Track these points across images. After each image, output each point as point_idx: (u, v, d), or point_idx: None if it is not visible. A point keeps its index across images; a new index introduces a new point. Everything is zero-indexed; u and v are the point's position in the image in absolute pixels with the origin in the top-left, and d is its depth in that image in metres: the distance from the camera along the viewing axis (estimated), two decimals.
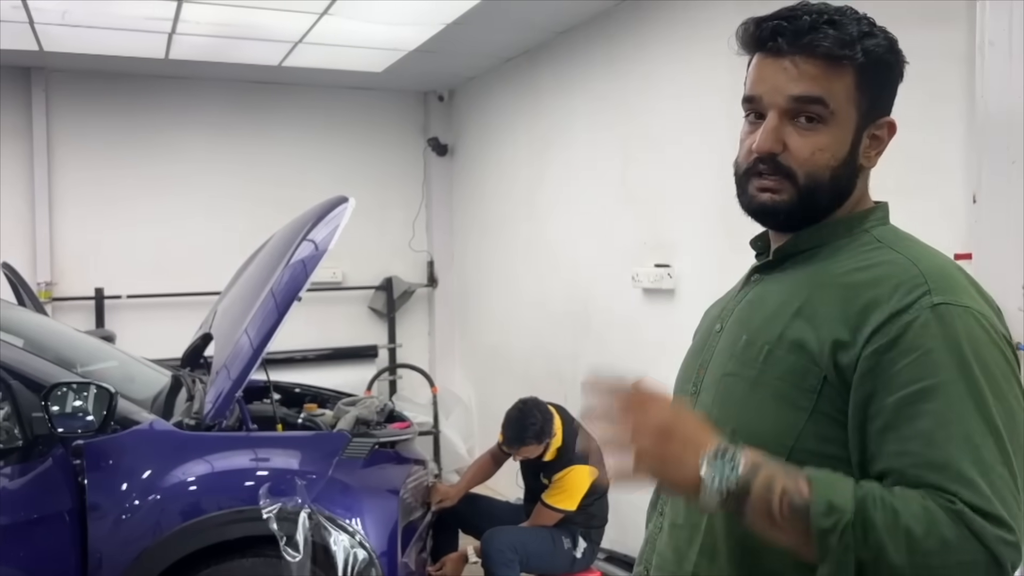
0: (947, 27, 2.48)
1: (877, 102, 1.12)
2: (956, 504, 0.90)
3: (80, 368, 3.12)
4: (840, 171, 1.10)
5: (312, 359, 5.87)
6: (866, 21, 1.12)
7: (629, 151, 4.16)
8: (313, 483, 2.85)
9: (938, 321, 0.98)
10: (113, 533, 2.64)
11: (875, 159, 1.15)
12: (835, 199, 1.13)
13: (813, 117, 1.08)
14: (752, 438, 1.07)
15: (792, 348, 1.06)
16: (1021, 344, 2.09)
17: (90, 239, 5.50)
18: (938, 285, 1.00)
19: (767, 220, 1.16)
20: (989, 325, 1.00)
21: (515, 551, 3.34)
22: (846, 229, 1.13)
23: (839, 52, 1.07)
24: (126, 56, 4.98)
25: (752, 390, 1.09)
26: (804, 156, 1.09)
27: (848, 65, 1.08)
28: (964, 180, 2.42)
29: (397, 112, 6.31)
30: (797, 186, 1.10)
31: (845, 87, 1.08)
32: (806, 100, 1.08)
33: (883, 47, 1.11)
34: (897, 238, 1.12)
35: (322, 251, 3.14)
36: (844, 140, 1.10)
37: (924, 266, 1.03)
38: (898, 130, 2.72)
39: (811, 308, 1.07)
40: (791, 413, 1.04)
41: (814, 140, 1.09)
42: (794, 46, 1.08)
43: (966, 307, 0.99)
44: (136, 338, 4.89)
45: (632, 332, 4.14)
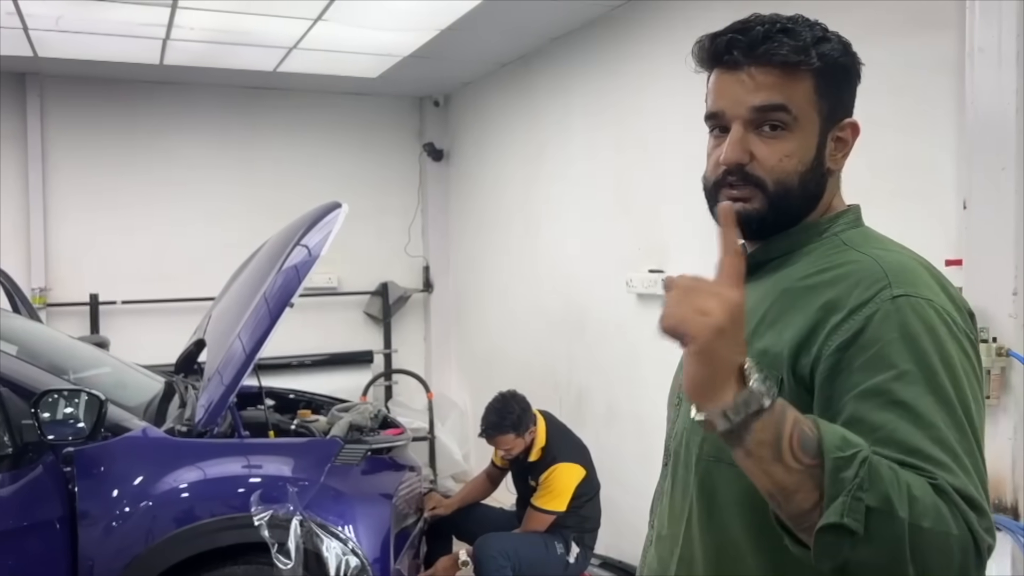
0: (937, 34, 2.48)
1: (838, 105, 1.13)
2: (938, 480, 0.88)
3: (72, 375, 3.11)
4: (808, 176, 1.11)
5: (308, 364, 5.86)
6: (819, 27, 1.13)
7: (624, 157, 4.16)
8: (305, 490, 2.84)
9: (897, 312, 0.97)
10: (104, 540, 2.63)
11: (841, 161, 1.15)
12: (806, 203, 1.13)
13: (777, 125, 1.09)
14: (720, 446, 1.06)
15: (758, 356, 1.05)
16: (1012, 351, 2.09)
17: (85, 245, 5.49)
18: (898, 279, 1.00)
19: (752, 230, 1.15)
20: (950, 319, 1.00)
21: (507, 558, 3.33)
22: (816, 234, 1.14)
23: (795, 59, 1.08)
24: (121, 62, 4.99)
25: None
26: (772, 164, 1.10)
27: (805, 71, 1.09)
28: (955, 186, 2.42)
29: (392, 117, 6.31)
30: (767, 194, 1.10)
31: (805, 93, 1.09)
32: (768, 108, 1.09)
33: (838, 51, 1.12)
34: (865, 240, 1.12)
35: (315, 257, 3.14)
36: (809, 145, 1.11)
37: (885, 263, 1.03)
38: (891, 136, 2.72)
39: (774, 314, 1.07)
40: None
41: (780, 147, 1.10)
42: (750, 57, 1.09)
43: (927, 299, 0.99)
44: (130, 344, 4.88)
45: (626, 337, 4.13)
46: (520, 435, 3.49)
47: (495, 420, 3.51)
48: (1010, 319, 2.14)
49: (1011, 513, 2.15)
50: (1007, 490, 2.15)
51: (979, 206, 2.22)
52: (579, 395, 4.55)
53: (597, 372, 4.42)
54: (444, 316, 6.41)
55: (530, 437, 3.52)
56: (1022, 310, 2.14)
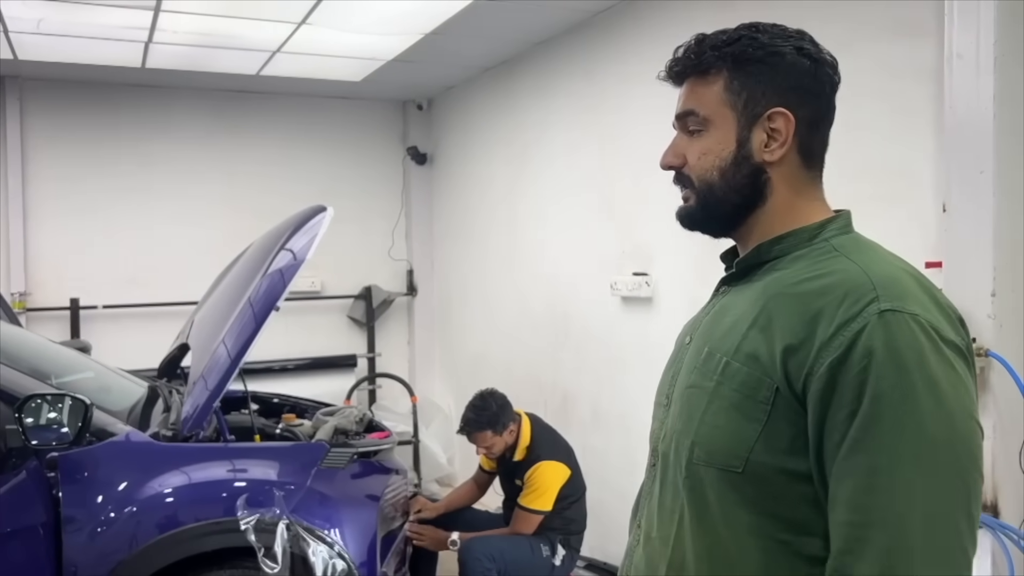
0: (918, 41, 2.53)
1: (757, 96, 1.15)
2: None
3: (55, 379, 3.08)
4: (730, 169, 1.16)
5: (291, 369, 5.84)
6: (734, 32, 1.19)
7: (606, 160, 4.19)
8: (291, 494, 2.83)
9: (884, 328, 0.98)
10: (88, 546, 2.61)
11: (778, 152, 1.15)
12: (739, 197, 1.17)
13: (694, 128, 1.19)
14: (710, 451, 1.09)
15: (747, 360, 1.07)
16: (991, 351, 2.13)
17: (65, 249, 5.45)
18: (886, 292, 1.01)
19: (685, 225, 1.24)
20: (936, 333, 1.00)
21: (492, 560, 3.33)
22: (806, 239, 1.14)
23: (701, 64, 1.18)
24: (102, 65, 4.96)
25: (711, 402, 1.11)
26: (692, 162, 1.19)
27: (715, 73, 1.17)
28: (934, 190, 2.46)
29: (376, 121, 6.31)
30: (695, 190, 1.19)
31: (715, 93, 1.17)
32: (683, 115, 1.20)
33: (744, 46, 1.16)
34: (856, 246, 1.12)
35: (300, 260, 3.13)
36: (726, 139, 1.16)
37: (874, 273, 1.04)
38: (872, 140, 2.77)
39: (766, 319, 1.08)
40: (746, 425, 1.06)
41: (697, 146, 1.19)
42: (675, 76, 1.22)
43: (913, 314, 1.00)
44: (112, 349, 4.85)
45: (611, 340, 4.16)
46: (498, 432, 3.50)
47: (472, 417, 3.53)
48: (989, 320, 2.18)
49: (991, 511, 2.19)
50: (987, 488, 2.19)
51: (958, 209, 2.26)
52: (564, 398, 4.57)
53: (582, 375, 4.44)
54: (428, 320, 6.42)
55: (511, 436, 3.53)
56: (1001, 311, 2.18)
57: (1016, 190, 2.20)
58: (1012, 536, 2.14)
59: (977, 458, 1.00)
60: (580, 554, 3.68)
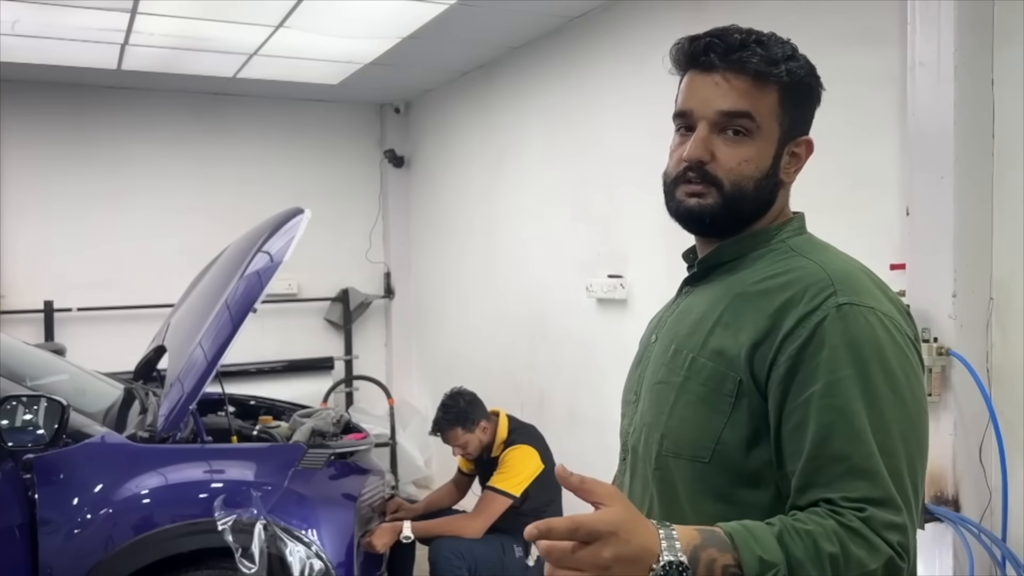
0: (882, 49, 2.60)
1: (798, 121, 1.19)
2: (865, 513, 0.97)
3: (30, 382, 3.07)
4: (763, 183, 1.17)
5: (267, 371, 5.83)
6: (789, 46, 1.19)
7: (582, 164, 4.24)
8: (269, 494, 2.84)
9: (842, 320, 1.04)
10: (65, 548, 2.61)
11: (794, 175, 1.21)
12: (757, 209, 1.19)
13: (740, 130, 1.15)
14: (678, 442, 1.14)
15: (713, 355, 1.13)
16: (952, 350, 2.20)
17: (39, 251, 5.41)
18: (844, 287, 1.07)
19: (692, 224, 1.21)
20: (892, 324, 1.07)
21: (462, 558, 3.30)
22: (764, 240, 1.20)
23: (766, 69, 1.14)
24: (78, 67, 4.93)
25: (678, 396, 1.16)
26: (731, 166, 1.15)
27: (773, 83, 1.15)
28: (898, 194, 2.53)
29: (354, 124, 6.33)
30: (723, 193, 1.16)
31: (770, 104, 1.15)
32: (735, 114, 1.14)
33: (804, 70, 1.18)
34: (811, 246, 1.19)
35: (277, 263, 3.15)
36: (767, 154, 1.17)
37: (832, 270, 1.10)
38: (838, 146, 2.83)
39: (730, 316, 1.13)
40: (712, 417, 1.11)
41: (740, 152, 1.15)
42: (725, 61, 1.15)
43: (870, 307, 1.06)
44: (87, 352, 4.81)
45: (587, 341, 4.20)
46: (468, 429, 3.49)
47: (439, 415, 3.54)
48: (950, 320, 2.24)
49: (952, 505, 2.25)
50: (948, 483, 2.26)
51: (920, 213, 2.33)
52: (541, 399, 4.61)
53: (558, 376, 4.48)
54: (405, 322, 6.43)
55: (484, 433, 3.51)
56: (961, 311, 2.25)
57: (976, 194, 2.27)
58: (972, 530, 2.20)
59: (924, 444, 1.06)
60: None
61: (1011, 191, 2.26)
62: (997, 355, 2.28)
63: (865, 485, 0.98)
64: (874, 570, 0.96)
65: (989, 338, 2.29)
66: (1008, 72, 2.25)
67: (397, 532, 3.30)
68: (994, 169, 2.28)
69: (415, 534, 3.35)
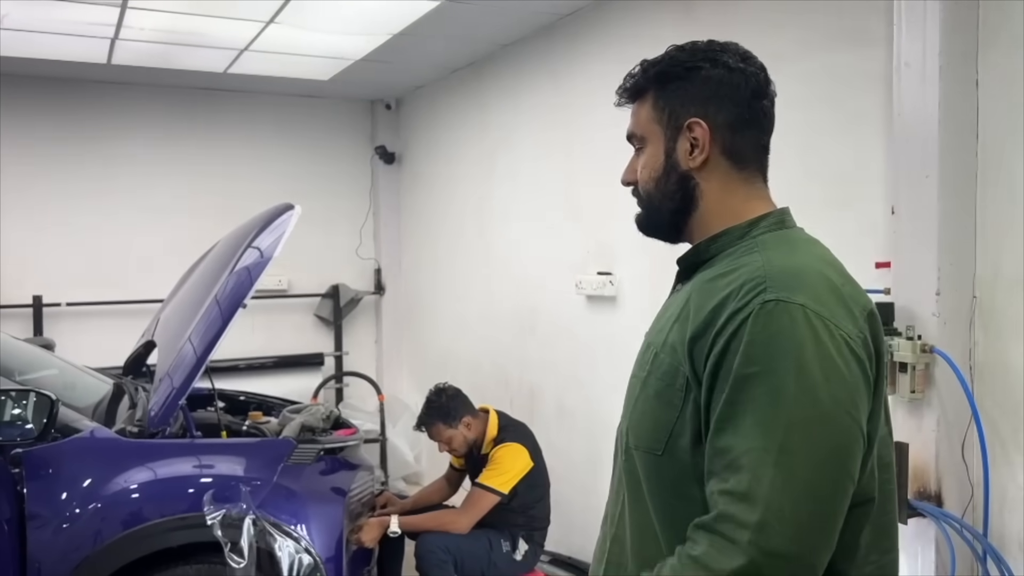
0: (869, 50, 2.62)
1: (676, 109, 1.25)
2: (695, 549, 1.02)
3: (19, 376, 3.08)
4: (662, 179, 1.26)
5: (257, 367, 5.83)
6: (674, 50, 1.28)
7: (572, 161, 4.25)
8: (258, 489, 2.85)
9: (765, 317, 1.04)
10: (53, 542, 2.61)
11: (699, 158, 1.23)
12: (673, 204, 1.26)
13: (639, 147, 1.31)
14: (638, 434, 1.19)
15: (668, 350, 1.16)
16: (936, 348, 2.23)
17: (29, 245, 5.39)
18: (776, 283, 1.07)
19: (641, 231, 1.35)
20: (822, 323, 1.04)
21: (447, 552, 3.31)
22: (736, 238, 1.21)
23: (633, 87, 1.30)
24: (67, 61, 4.91)
25: (642, 390, 1.20)
26: (636, 176, 1.31)
27: (646, 95, 1.29)
28: (884, 193, 2.55)
29: (344, 120, 6.33)
30: (641, 202, 1.32)
31: (646, 113, 1.29)
32: (629, 138, 1.33)
33: (662, 65, 1.27)
34: (777, 242, 1.18)
35: (267, 258, 3.15)
36: (656, 153, 1.27)
37: (772, 267, 1.10)
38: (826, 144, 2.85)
39: (687, 312, 1.16)
40: (666, 411, 1.13)
41: (639, 162, 1.31)
42: (618, 103, 1.35)
43: (799, 304, 1.05)
44: (76, 347, 4.81)
45: (576, 338, 4.22)
46: (451, 425, 3.50)
47: (423, 412, 3.56)
48: (933, 318, 2.27)
49: (935, 500, 2.28)
50: (931, 479, 2.29)
51: (905, 212, 2.35)
52: (530, 394, 4.63)
53: (547, 372, 4.50)
54: (395, 318, 6.44)
55: (468, 429, 3.52)
56: (945, 309, 2.27)
57: (960, 194, 2.30)
58: (955, 525, 2.23)
59: (841, 449, 1.03)
60: (544, 548, 3.72)
61: (994, 191, 2.28)
62: (980, 352, 2.31)
63: (734, 480, 1.00)
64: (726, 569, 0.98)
65: (972, 335, 2.32)
66: (992, 73, 2.27)
67: (385, 527, 3.31)
68: (978, 169, 2.31)
69: (402, 529, 3.36)
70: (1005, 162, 2.26)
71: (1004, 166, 2.26)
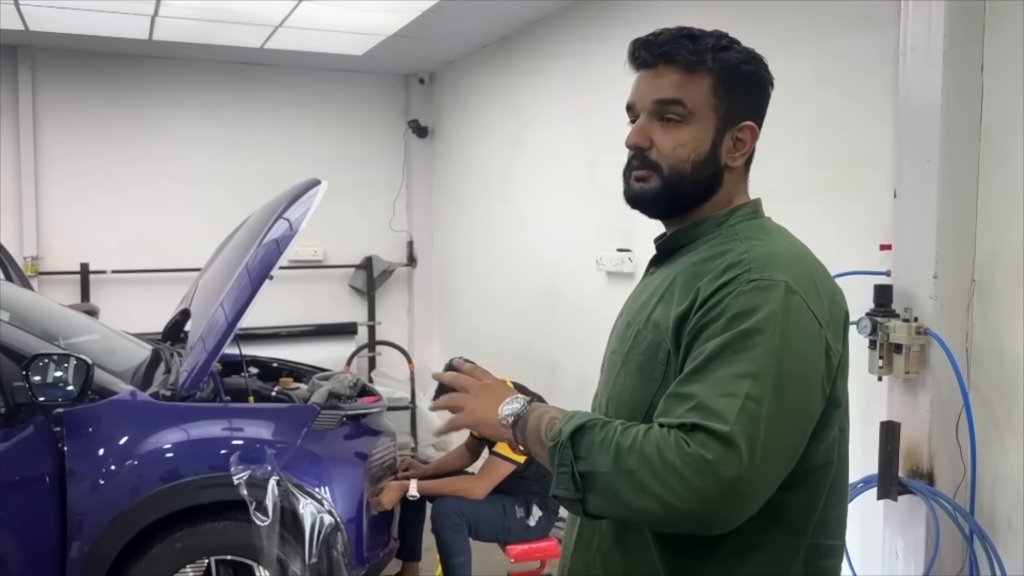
0: (878, 33, 2.63)
1: (737, 107, 1.26)
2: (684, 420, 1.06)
3: (62, 341, 3.26)
4: (701, 166, 1.25)
5: (296, 335, 6.03)
6: (726, 38, 1.27)
7: (595, 139, 4.30)
8: (283, 452, 3.00)
9: (749, 292, 1.12)
10: (91, 497, 2.79)
11: (739, 160, 1.29)
12: (699, 191, 1.27)
13: (673, 117, 1.24)
14: (620, 406, 1.25)
15: (652, 328, 1.23)
16: (930, 330, 2.27)
17: (76, 215, 5.63)
18: (758, 266, 1.15)
19: (639, 205, 1.31)
20: (798, 299, 1.12)
21: (461, 516, 3.41)
22: (715, 225, 1.28)
23: (692, 59, 1.23)
24: (111, 36, 5.09)
25: (623, 364, 1.27)
26: (666, 150, 1.25)
27: (705, 73, 1.24)
28: (890, 175, 2.58)
29: (378, 94, 6.43)
30: (663, 176, 1.26)
31: (702, 92, 1.24)
32: (666, 102, 1.25)
33: (739, 58, 1.26)
34: (755, 231, 1.26)
35: (295, 231, 3.27)
36: (703, 138, 1.25)
37: (755, 254, 1.18)
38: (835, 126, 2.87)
39: (670, 293, 1.24)
40: (647, 384, 1.21)
41: (675, 136, 1.25)
42: (656, 56, 1.26)
43: (780, 281, 1.13)
44: (120, 312, 5.04)
45: (596, 313, 4.29)
46: None
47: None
48: (931, 300, 2.30)
49: (927, 479, 2.33)
50: (923, 458, 2.34)
51: (907, 195, 2.38)
52: (552, 369, 4.73)
53: (569, 347, 4.59)
54: (427, 290, 6.57)
55: None
56: (941, 292, 2.31)
57: (961, 178, 2.32)
58: (944, 505, 2.28)
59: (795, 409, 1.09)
60: (560, 516, 3.82)
61: (997, 176, 2.30)
62: (977, 335, 2.34)
63: (697, 415, 1.05)
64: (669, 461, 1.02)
65: (970, 318, 2.35)
66: (997, 58, 2.28)
67: (403, 490, 3.43)
68: (980, 154, 2.32)
69: (421, 493, 3.48)
70: (1008, 147, 2.27)
71: (1007, 151, 2.27)
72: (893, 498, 2.32)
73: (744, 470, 1.02)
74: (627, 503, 1.06)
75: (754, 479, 1.03)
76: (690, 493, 1.02)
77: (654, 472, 1.04)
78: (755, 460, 1.03)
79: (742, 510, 1.05)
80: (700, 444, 1.03)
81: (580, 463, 1.10)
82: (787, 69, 2.97)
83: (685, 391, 1.09)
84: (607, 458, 1.08)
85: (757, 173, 1.35)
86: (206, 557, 2.93)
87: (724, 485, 1.02)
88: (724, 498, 1.02)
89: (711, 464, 1.02)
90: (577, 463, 1.10)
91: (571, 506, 1.12)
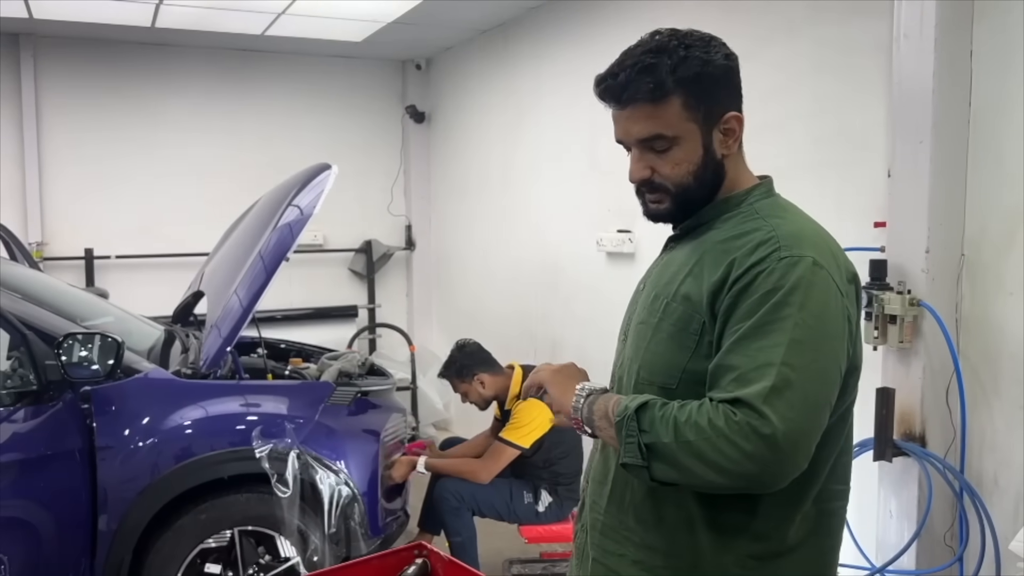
0: (873, 20, 2.76)
1: (712, 108, 1.36)
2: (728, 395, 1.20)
3: (81, 322, 3.34)
4: (702, 171, 1.37)
5: (296, 318, 6.12)
6: (680, 49, 1.33)
7: (594, 121, 4.40)
8: (301, 427, 3.11)
9: (782, 269, 1.25)
10: (119, 470, 2.90)
11: (733, 146, 1.40)
12: (707, 191, 1.40)
13: (661, 147, 1.36)
14: (651, 371, 1.38)
15: (682, 300, 1.35)
16: (923, 301, 2.41)
17: (80, 200, 5.70)
18: (787, 243, 1.28)
19: (659, 221, 1.46)
20: (825, 273, 1.26)
21: (460, 499, 3.48)
22: (734, 205, 1.41)
23: (655, 94, 1.32)
24: (113, 24, 5.14)
25: (653, 334, 1.39)
26: (667, 172, 1.37)
27: (671, 97, 1.32)
28: (884, 157, 2.71)
29: (376, 80, 6.51)
30: (671, 195, 1.39)
31: (676, 114, 1.33)
32: (649, 139, 1.36)
33: (696, 65, 1.32)
34: (773, 209, 1.38)
35: (307, 216, 3.37)
36: (695, 149, 1.36)
37: (781, 231, 1.30)
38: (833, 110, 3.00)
39: (699, 268, 1.35)
40: (679, 352, 1.34)
41: (670, 159, 1.36)
42: (622, 103, 1.36)
43: (809, 257, 1.26)
44: (124, 297, 5.07)
45: (596, 293, 4.43)
46: (464, 380, 3.67)
47: (442, 366, 3.77)
48: (923, 273, 2.44)
49: (919, 441, 2.48)
50: (916, 422, 2.48)
51: (900, 175, 2.51)
52: (553, 348, 4.85)
53: (569, 326, 4.72)
54: (425, 273, 6.68)
55: (482, 386, 3.66)
56: (933, 266, 2.45)
57: (950, 159, 2.45)
58: (936, 464, 2.43)
59: (829, 370, 1.24)
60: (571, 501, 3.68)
61: (985, 156, 2.43)
62: (966, 306, 2.48)
63: (740, 385, 1.19)
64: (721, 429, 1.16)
65: (960, 290, 2.49)
66: (985, 44, 2.41)
67: (413, 465, 3.54)
68: (969, 135, 2.46)
69: (429, 469, 3.59)
70: (996, 129, 2.40)
71: (994, 132, 2.41)
72: (888, 459, 2.47)
73: (787, 429, 1.16)
74: (688, 469, 1.20)
75: (796, 437, 1.17)
76: (741, 456, 1.16)
77: (708, 440, 1.18)
78: (795, 419, 1.17)
79: (791, 465, 1.19)
80: (745, 412, 1.17)
81: (644, 435, 1.24)
82: (786, 56, 3.13)
83: (728, 363, 1.23)
84: (668, 430, 1.22)
85: (758, 155, 1.44)
86: (229, 528, 3.04)
87: (770, 445, 1.15)
88: (772, 456, 1.16)
89: (756, 428, 1.16)
90: (641, 435, 1.24)
91: (638, 473, 1.26)
